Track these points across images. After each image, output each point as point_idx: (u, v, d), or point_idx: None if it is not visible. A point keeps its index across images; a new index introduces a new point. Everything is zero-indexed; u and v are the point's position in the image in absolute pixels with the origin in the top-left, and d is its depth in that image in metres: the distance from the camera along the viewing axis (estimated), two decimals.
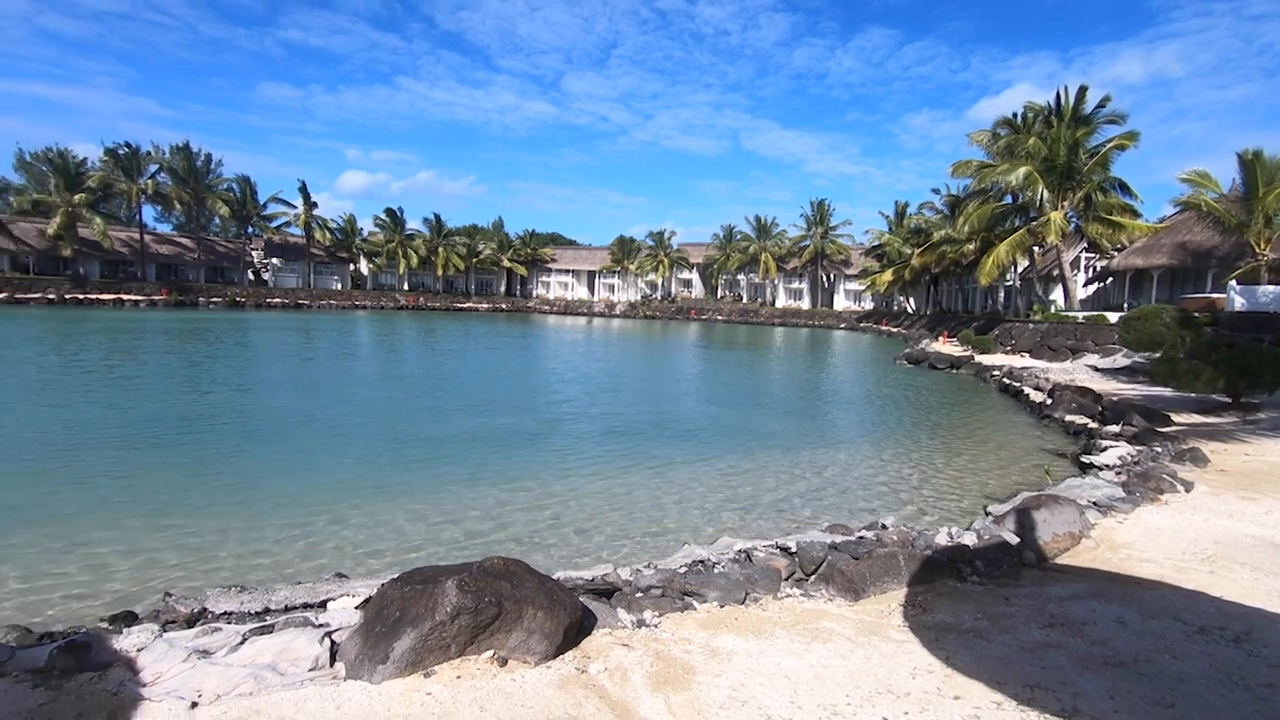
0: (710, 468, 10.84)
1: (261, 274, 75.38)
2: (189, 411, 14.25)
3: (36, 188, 63.64)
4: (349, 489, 8.92)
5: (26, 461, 9.77)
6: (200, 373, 20.63)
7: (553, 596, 3.92)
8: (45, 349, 25.73)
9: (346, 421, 13.80)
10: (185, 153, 68.14)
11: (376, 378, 21.46)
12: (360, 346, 33.05)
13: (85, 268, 61.49)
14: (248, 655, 3.66)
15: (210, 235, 74.42)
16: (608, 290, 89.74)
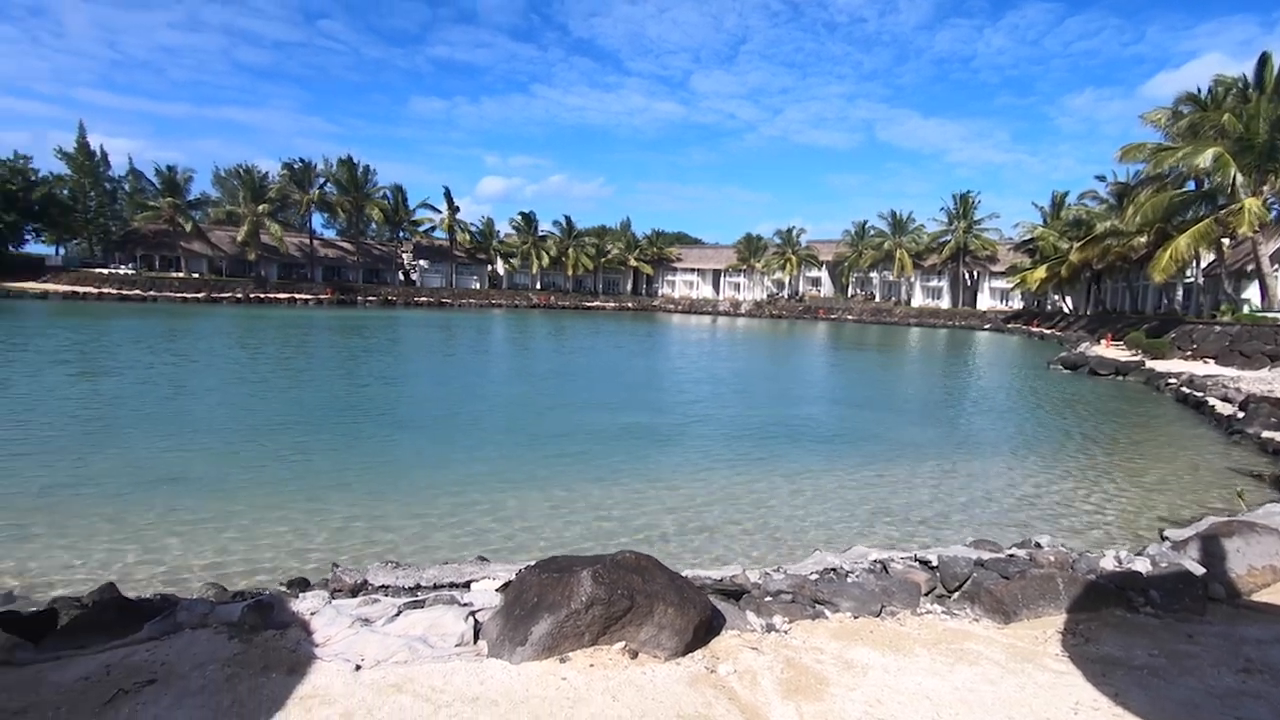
0: (841, 473, 10.46)
1: (410, 274, 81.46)
2: (349, 402, 15.67)
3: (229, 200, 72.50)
4: (487, 478, 9.43)
5: (218, 443, 11.16)
6: (358, 366, 22.63)
7: (683, 594, 3.93)
8: (232, 343, 29.25)
9: (485, 415, 14.60)
10: (348, 164, 74.94)
11: (512, 374, 22.58)
12: (497, 343, 34.90)
13: (266, 270, 69.29)
14: (403, 627, 3.97)
15: (367, 239, 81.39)
16: (733, 289, 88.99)
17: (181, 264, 66.66)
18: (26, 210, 60.87)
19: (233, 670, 3.54)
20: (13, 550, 6.41)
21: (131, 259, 65.71)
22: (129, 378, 17.82)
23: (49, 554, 6.39)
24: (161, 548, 6.64)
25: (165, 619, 4.04)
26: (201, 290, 61.66)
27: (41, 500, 7.81)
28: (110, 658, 3.67)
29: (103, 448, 10.35)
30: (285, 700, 3.27)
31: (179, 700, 3.24)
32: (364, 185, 76.24)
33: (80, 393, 15.35)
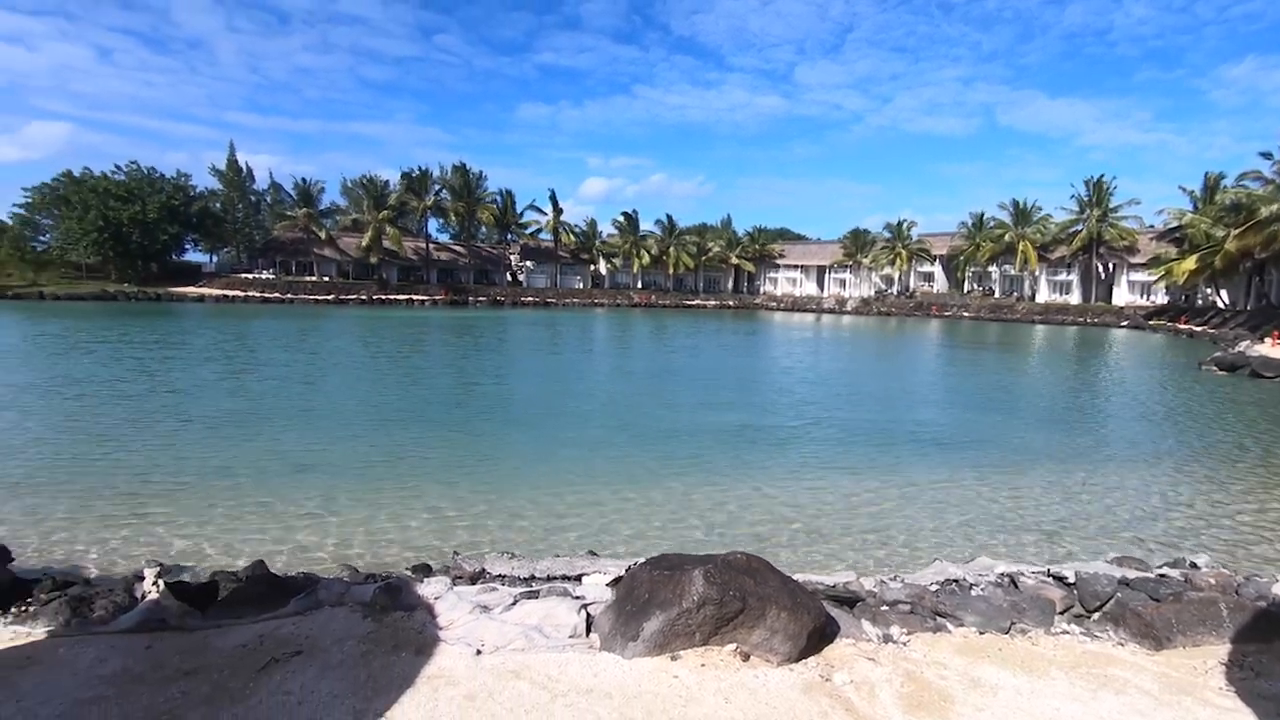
0: (959, 479, 9.90)
1: (517, 275, 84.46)
2: (463, 398, 16.45)
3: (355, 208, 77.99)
4: (594, 475, 9.62)
5: (346, 435, 12.00)
6: (470, 364, 23.72)
7: (795, 598, 3.84)
8: (356, 342, 31.40)
9: (592, 413, 14.91)
10: (461, 171, 78.73)
11: (617, 372, 22.93)
12: (600, 342, 35.56)
13: (387, 273, 73.95)
14: (519, 615, 4.11)
15: (478, 242, 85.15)
16: (838, 286, 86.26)
17: (314, 268, 72.31)
18: (186, 223, 68.06)
19: (367, 647, 3.79)
20: (177, 528, 7.17)
21: (272, 264, 71.98)
22: (269, 374, 19.53)
23: (205, 532, 7.09)
24: (299, 529, 7.22)
25: (308, 596, 4.39)
26: (331, 292, 66.64)
27: (200, 483, 8.70)
28: (263, 628, 4.02)
29: (249, 437, 11.39)
30: (414, 679, 3.47)
31: (322, 672, 3.50)
32: (475, 190, 79.80)
33: (230, 387, 16.97)
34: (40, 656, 3.63)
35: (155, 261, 66.35)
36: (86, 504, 7.74)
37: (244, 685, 3.37)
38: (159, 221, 63.69)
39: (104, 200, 61.04)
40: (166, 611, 4.16)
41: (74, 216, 60.86)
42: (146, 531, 7.01)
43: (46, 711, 3.10)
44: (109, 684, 3.36)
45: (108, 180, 63.46)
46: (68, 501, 7.80)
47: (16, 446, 10.38)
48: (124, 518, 7.37)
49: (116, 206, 61.24)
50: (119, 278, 62.51)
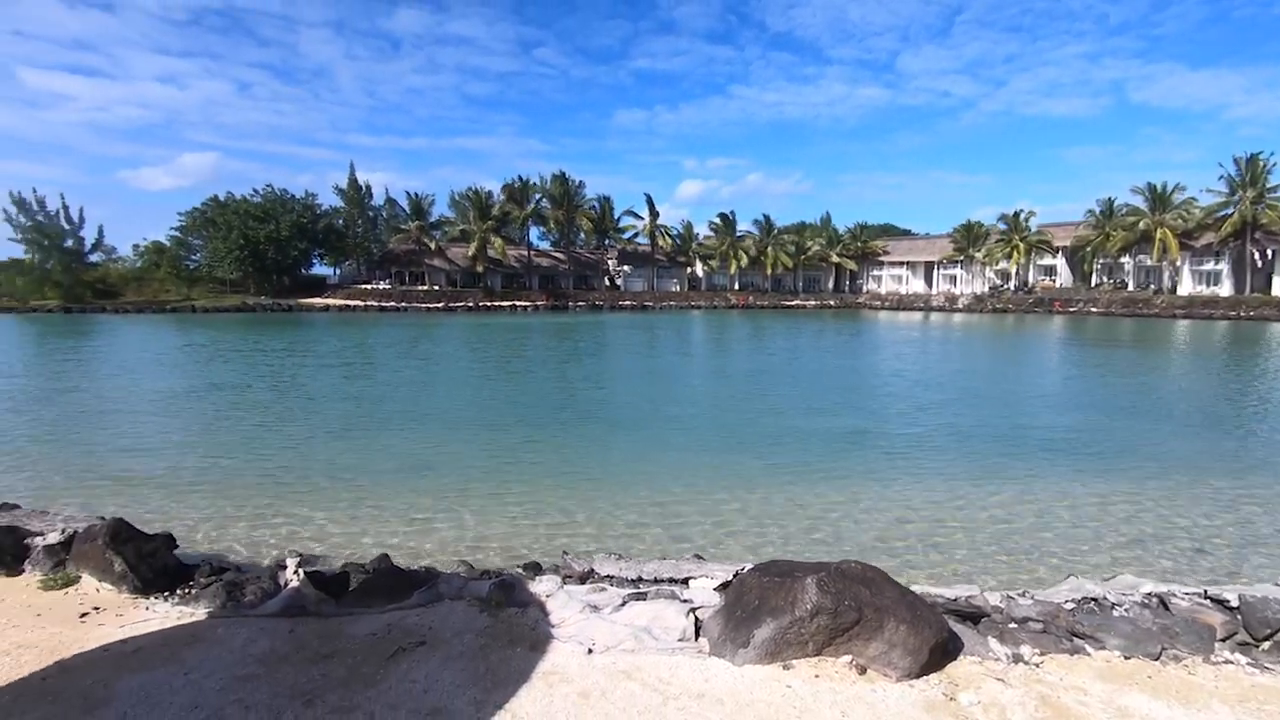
0: (1090, 489, 9.14)
1: (615, 279, 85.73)
2: (565, 401, 16.86)
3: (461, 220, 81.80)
4: (696, 478, 9.59)
5: (457, 437, 12.55)
6: (570, 368, 24.28)
7: (915, 611, 3.66)
8: (462, 347, 32.85)
9: (693, 416, 14.89)
10: (560, 180, 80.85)
11: (716, 375, 22.80)
12: (698, 344, 35.49)
13: (491, 280, 77.01)
14: (628, 616, 4.15)
15: (577, 248, 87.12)
16: (948, 282, 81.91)
17: (425, 278, 76.40)
18: (314, 239, 73.69)
19: (485, 641, 3.94)
20: (310, 522, 7.74)
21: (388, 275, 76.67)
22: (385, 379, 20.79)
23: (334, 525, 7.62)
24: (418, 525, 7.62)
25: (429, 589, 4.62)
26: (440, 301, 70.17)
27: (329, 481, 9.36)
28: (390, 618, 4.27)
29: (370, 439, 12.16)
30: (530, 674, 3.57)
31: (444, 663, 3.67)
32: (574, 198, 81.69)
33: (351, 392, 18.20)
34: (202, 634, 4.02)
35: (287, 275, 72.23)
36: (232, 498, 8.50)
37: (375, 671, 3.58)
38: (290, 239, 69.35)
39: (244, 221, 67.14)
40: (305, 599, 4.49)
41: (219, 237, 67.33)
42: (284, 524, 7.61)
43: (210, 684, 3.43)
44: (260, 662, 3.67)
45: (247, 203, 69.79)
46: (216, 495, 8.60)
47: (170, 446, 11.57)
48: (264, 511, 8.04)
49: (254, 226, 67.20)
50: (257, 291, 68.56)
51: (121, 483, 9.15)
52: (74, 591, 4.62)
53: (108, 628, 4.10)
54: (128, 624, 4.15)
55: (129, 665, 3.61)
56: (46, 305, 58.65)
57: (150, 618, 4.26)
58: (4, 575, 4.84)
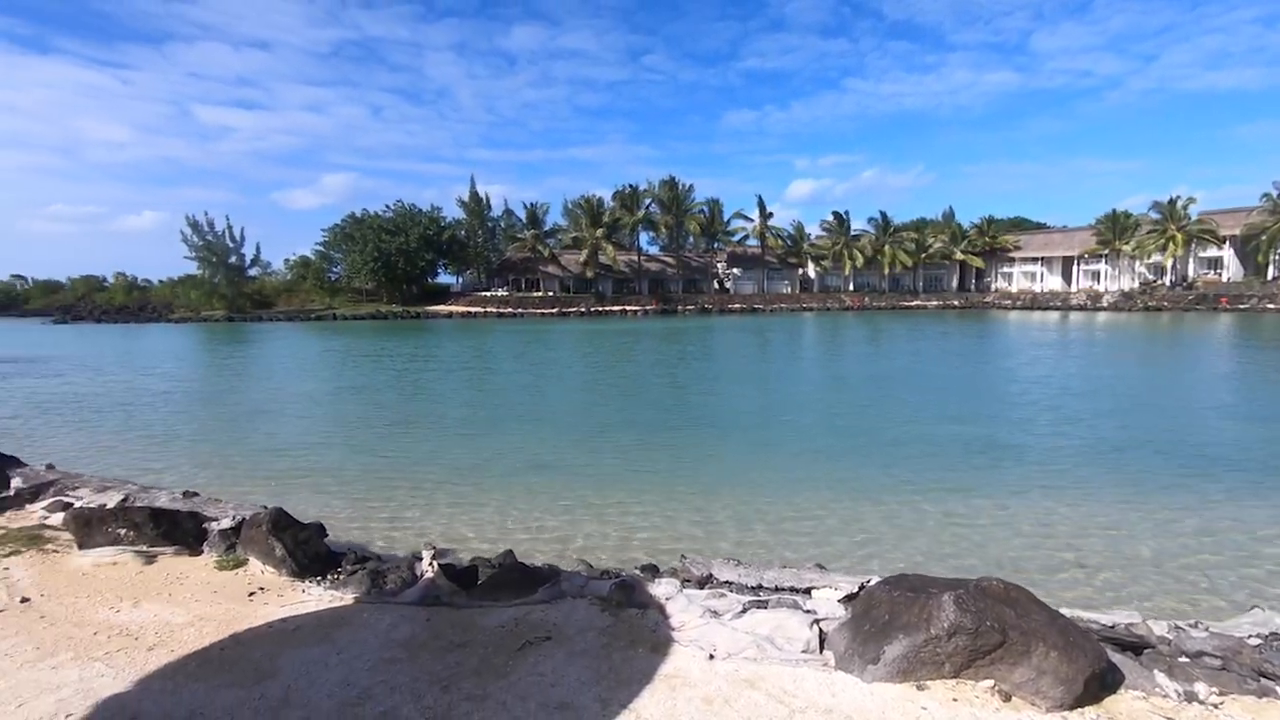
0: (1272, 508, 8.05)
1: (724, 283, 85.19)
2: (675, 405, 16.90)
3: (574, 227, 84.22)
4: (813, 485, 9.33)
5: (571, 439, 12.88)
6: (681, 371, 24.34)
7: (1068, 636, 3.36)
8: (574, 351, 33.70)
9: (807, 421, 14.51)
10: (670, 185, 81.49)
11: (831, 378, 22.12)
12: (811, 347, 34.57)
13: (602, 286, 78.73)
14: (749, 624, 4.08)
15: (685, 252, 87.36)
16: (1090, 278, 75.17)
17: (540, 284, 79.23)
18: (439, 249, 78.35)
19: (607, 640, 4.00)
20: (439, 516, 8.19)
21: (505, 282, 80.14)
22: (502, 382, 21.71)
23: (460, 520, 8.02)
24: (537, 522, 7.87)
25: (553, 586, 4.75)
26: (554, 306, 72.52)
27: (456, 478, 9.88)
28: (517, 613, 4.43)
29: (489, 439, 12.73)
30: (652, 676, 3.59)
31: (569, 659, 3.76)
32: (683, 202, 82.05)
33: (471, 395, 19.15)
34: (350, 618, 4.34)
35: (415, 284, 77.22)
36: (369, 492, 9.15)
37: (505, 662, 3.73)
38: (418, 250, 74.12)
39: (377, 235, 72.47)
40: (440, 590, 4.75)
41: (356, 250, 73.05)
42: (416, 518, 8.10)
43: (359, 664, 3.69)
44: (401, 647, 3.91)
45: (379, 218, 75.29)
46: (355, 489, 9.29)
47: (316, 444, 12.62)
48: (396, 505, 8.59)
49: (386, 240, 72.37)
50: (388, 299, 73.74)
51: (276, 475, 10.09)
52: (243, 572, 5.13)
53: (271, 607, 4.51)
54: (287, 604, 4.56)
55: (290, 642, 3.96)
56: (214, 314, 65.90)
57: (306, 600, 4.65)
58: (187, 555, 5.46)
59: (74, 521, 5.65)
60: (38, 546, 5.53)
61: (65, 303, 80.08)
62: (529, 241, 78.14)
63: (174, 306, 69.94)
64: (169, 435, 13.22)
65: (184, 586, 4.84)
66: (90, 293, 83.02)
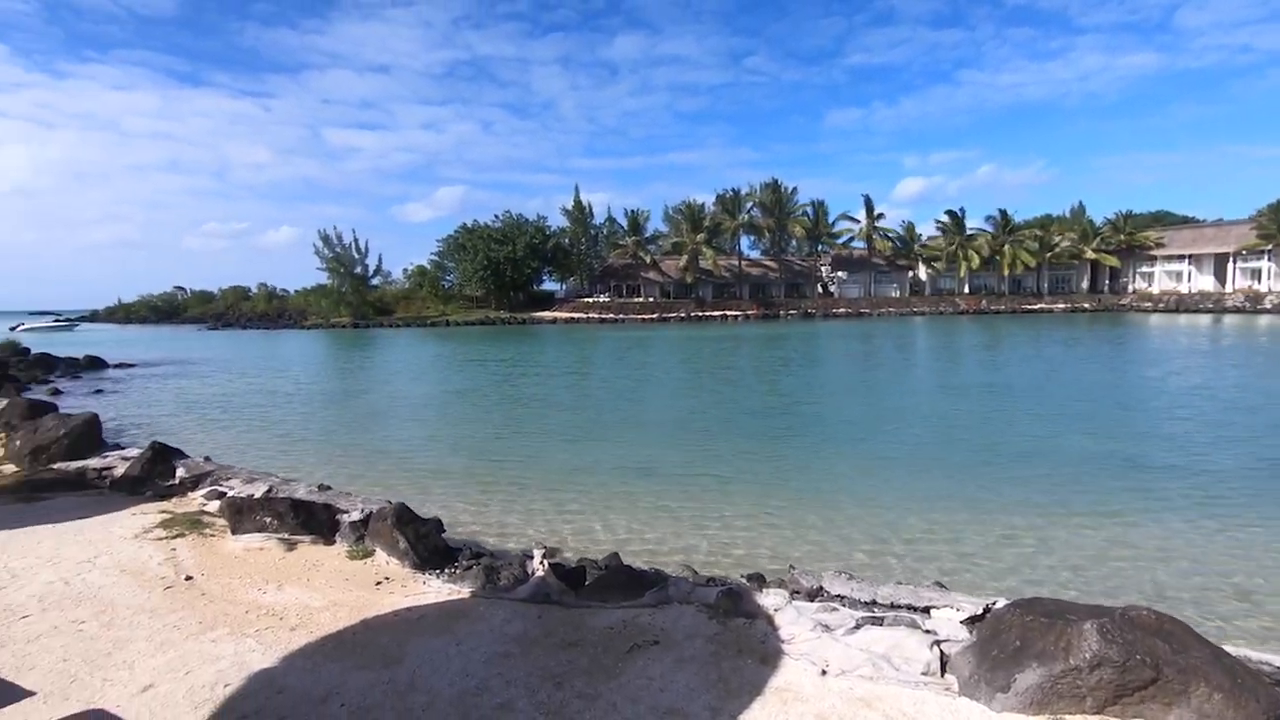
0: None
1: (828, 286, 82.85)
2: (777, 412, 16.58)
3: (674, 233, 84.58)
4: (928, 497, 8.88)
5: (673, 444, 12.89)
6: (782, 377, 23.86)
7: (1234, 677, 3.01)
8: (674, 357, 33.71)
9: (920, 431, 13.85)
10: (773, 187, 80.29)
11: (945, 387, 21.00)
12: (922, 353, 32.97)
13: (702, 291, 78.54)
14: (863, 641, 3.92)
15: (788, 255, 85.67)
16: (1248, 277, 67.28)
17: (640, 290, 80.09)
18: (544, 257, 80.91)
19: (715, 648, 3.97)
20: (544, 516, 8.42)
21: (606, 288, 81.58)
22: (605, 387, 22.06)
23: (564, 520, 8.20)
24: (638, 525, 7.93)
25: (659, 590, 4.77)
26: (654, 312, 73.11)
27: (562, 480, 10.12)
28: (624, 615, 4.48)
29: (596, 443, 12.96)
30: (762, 688, 3.52)
31: (678, 664, 3.76)
32: (786, 205, 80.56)
33: (578, 397, 19.57)
34: (467, 611, 4.54)
35: (522, 291, 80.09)
36: (480, 491, 9.54)
37: (615, 663, 3.77)
38: (525, 258, 76.87)
39: (487, 245, 75.77)
40: (550, 588, 4.88)
41: (467, 259, 76.70)
42: (523, 517, 8.36)
43: (476, 656, 3.85)
44: (515, 642, 4.05)
45: (489, 228, 78.68)
46: (467, 487, 9.71)
47: (431, 443, 13.31)
48: (503, 504, 8.90)
49: (495, 249, 75.53)
50: (497, 306, 76.89)
51: (394, 472, 10.72)
52: (370, 562, 5.48)
53: (396, 596, 4.79)
54: (410, 595, 4.83)
55: (414, 631, 4.19)
56: (341, 321, 71.03)
57: (427, 591, 4.91)
58: (322, 544, 5.89)
59: (228, 509, 6.25)
60: (198, 530, 6.15)
61: (217, 311, 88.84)
62: (630, 248, 79.22)
63: (307, 314, 76.00)
64: (300, 432, 14.36)
65: (320, 573, 5.23)
66: (237, 302, 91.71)
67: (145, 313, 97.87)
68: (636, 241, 79.44)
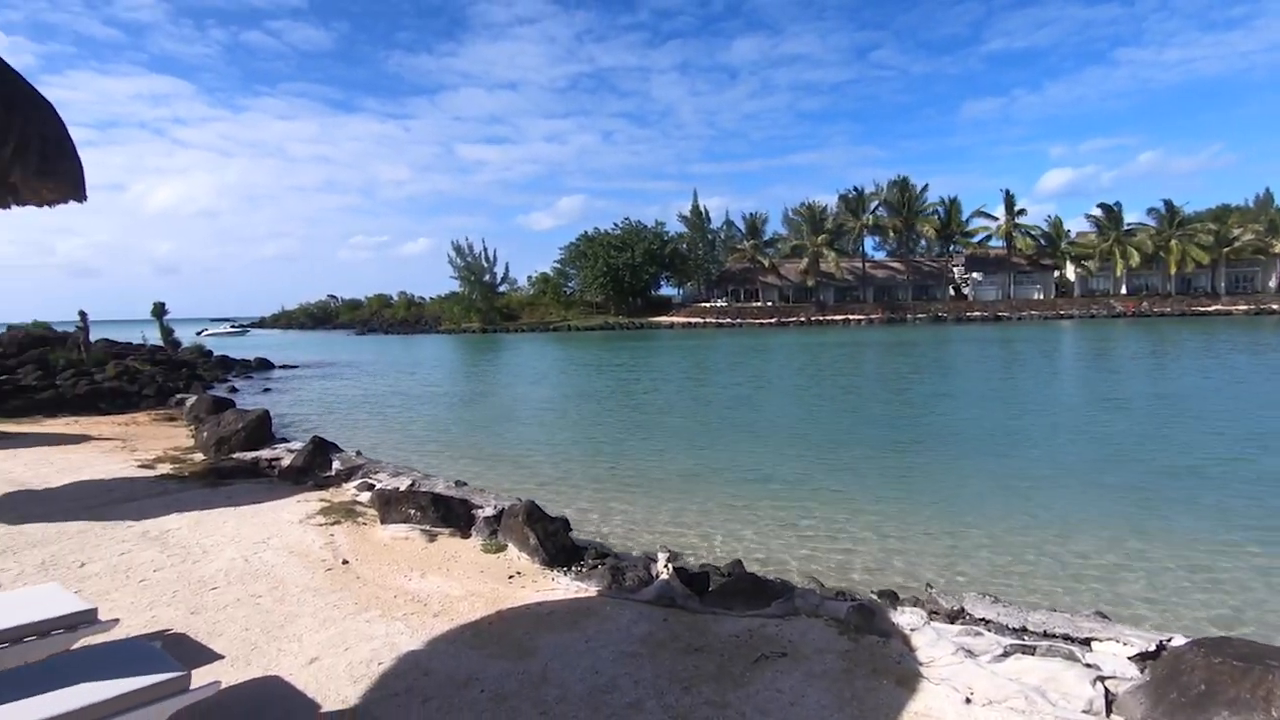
0: None
1: (961, 288, 77.97)
2: (904, 421, 15.76)
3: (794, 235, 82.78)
4: (1087, 518, 8.11)
5: (796, 450, 12.57)
6: (909, 384, 22.66)
7: None
8: (793, 362, 32.86)
9: (1078, 447, 12.72)
10: (900, 185, 76.75)
11: (1103, 400, 19.15)
12: (1071, 361, 30.22)
13: (824, 294, 76.30)
14: (1013, 670, 3.63)
15: (916, 256, 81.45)
16: None
17: (759, 294, 79.00)
18: (662, 263, 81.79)
19: (847, 665, 3.82)
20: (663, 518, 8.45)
21: (724, 293, 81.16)
22: (724, 393, 21.88)
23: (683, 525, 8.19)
24: (760, 533, 7.77)
25: (786, 601, 4.66)
26: (773, 316, 71.86)
27: (677, 483, 10.14)
28: (749, 624, 4.41)
29: (714, 448, 12.88)
30: (900, 712, 3.35)
31: (807, 679, 3.65)
32: (914, 203, 76.74)
33: (697, 403, 19.55)
34: (594, 609, 4.64)
35: (640, 297, 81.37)
36: (603, 492, 9.73)
37: (742, 672, 3.72)
38: (643, 264, 78.08)
39: (606, 252, 77.63)
40: (674, 592, 4.89)
41: (588, 266, 78.95)
42: (640, 520, 8.44)
43: (605, 654, 3.93)
44: (641, 643, 4.09)
45: (609, 235, 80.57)
46: (590, 488, 9.93)
47: (547, 444, 13.75)
48: (622, 506, 9.02)
49: (615, 255, 77.23)
50: (616, 311, 78.53)
51: (518, 471, 11.16)
52: (503, 556, 5.74)
53: (527, 590, 4.99)
54: (540, 590, 5.01)
55: (545, 625, 4.34)
56: (471, 327, 75.22)
57: (555, 588, 5.07)
58: (459, 537, 6.25)
59: (378, 500, 6.77)
60: (352, 519, 6.71)
61: (363, 317, 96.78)
62: (748, 252, 78.36)
63: (440, 320, 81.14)
64: (431, 431, 15.30)
65: (458, 564, 5.54)
66: (381, 308, 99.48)
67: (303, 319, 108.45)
68: (755, 245, 78.47)
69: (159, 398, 16.99)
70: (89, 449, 10.59)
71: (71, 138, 2.57)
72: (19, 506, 7.16)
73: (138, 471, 8.91)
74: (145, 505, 7.19)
